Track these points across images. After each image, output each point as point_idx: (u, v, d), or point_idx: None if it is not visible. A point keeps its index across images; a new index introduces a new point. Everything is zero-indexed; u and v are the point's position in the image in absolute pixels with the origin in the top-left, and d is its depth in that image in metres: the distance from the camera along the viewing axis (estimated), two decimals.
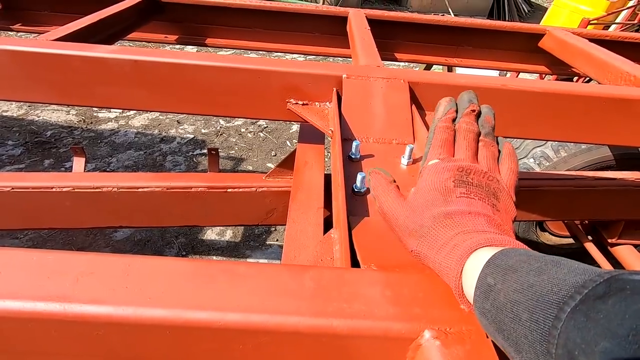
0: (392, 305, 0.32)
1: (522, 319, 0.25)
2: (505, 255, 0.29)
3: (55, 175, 1.01)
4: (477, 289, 0.29)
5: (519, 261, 0.28)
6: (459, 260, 0.31)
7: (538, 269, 0.26)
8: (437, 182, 0.38)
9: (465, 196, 0.37)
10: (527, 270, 0.27)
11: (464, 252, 0.32)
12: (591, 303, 0.22)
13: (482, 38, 1.47)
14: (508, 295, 0.26)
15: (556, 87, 0.83)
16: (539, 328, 0.24)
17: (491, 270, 0.29)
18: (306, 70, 0.81)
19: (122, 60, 0.79)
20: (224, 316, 0.30)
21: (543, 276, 0.25)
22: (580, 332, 0.21)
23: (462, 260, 0.31)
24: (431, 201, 0.36)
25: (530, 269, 0.27)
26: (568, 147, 1.45)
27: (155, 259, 0.34)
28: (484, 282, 0.29)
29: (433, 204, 0.36)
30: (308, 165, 0.91)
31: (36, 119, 2.87)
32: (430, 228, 0.34)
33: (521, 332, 0.25)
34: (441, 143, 0.43)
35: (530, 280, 0.26)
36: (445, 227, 0.34)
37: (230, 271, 0.33)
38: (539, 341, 0.23)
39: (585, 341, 0.21)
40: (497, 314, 0.27)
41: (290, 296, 0.32)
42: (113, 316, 0.30)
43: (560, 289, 0.24)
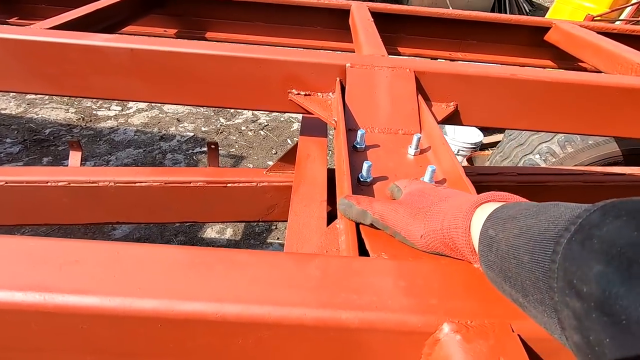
0: (406, 296, 0.29)
1: (524, 262, 0.25)
2: (505, 207, 0.30)
3: (51, 170, 0.99)
4: (480, 244, 0.30)
5: (519, 210, 0.29)
6: (466, 217, 0.32)
7: (536, 212, 0.27)
8: (420, 185, 0.42)
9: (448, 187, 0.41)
10: (525, 215, 0.27)
11: (469, 208, 0.33)
12: (586, 232, 0.22)
13: (487, 32, 1.45)
14: (509, 242, 0.27)
15: (567, 77, 0.80)
16: (540, 266, 0.24)
17: (492, 223, 0.29)
18: (308, 60, 0.78)
19: (119, 49, 0.77)
20: (222, 308, 0.27)
21: (540, 217, 0.26)
22: (576, 260, 0.21)
23: (468, 216, 0.32)
24: (422, 193, 0.39)
25: (528, 213, 0.27)
26: (575, 142, 1.42)
27: (147, 246, 0.31)
28: (485, 235, 0.29)
29: (424, 194, 0.39)
30: (310, 159, 0.88)
31: (35, 116, 2.84)
32: (430, 207, 0.36)
33: (525, 275, 0.25)
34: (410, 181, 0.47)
35: (528, 223, 0.26)
36: (446, 201, 0.36)
37: (228, 259, 0.31)
38: (542, 279, 0.24)
39: (581, 268, 0.21)
40: (501, 263, 0.27)
41: (295, 286, 0.29)
42: (99, 308, 0.27)
43: (557, 225, 0.24)
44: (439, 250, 0.35)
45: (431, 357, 0.28)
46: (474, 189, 0.44)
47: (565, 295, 0.22)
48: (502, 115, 0.85)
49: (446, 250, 0.34)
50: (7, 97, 3.05)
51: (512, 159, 1.59)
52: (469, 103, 0.82)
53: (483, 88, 0.80)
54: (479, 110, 0.84)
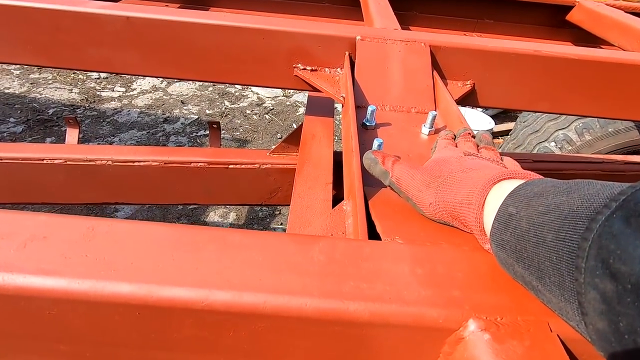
0: (424, 286, 0.25)
1: (547, 241, 0.23)
2: (531, 184, 0.28)
3: (47, 147, 0.95)
4: (495, 221, 0.27)
5: (546, 187, 0.26)
6: (481, 193, 0.30)
7: (567, 189, 0.24)
8: (448, 153, 0.40)
9: (476, 157, 0.37)
10: (554, 193, 0.25)
11: (486, 184, 0.30)
12: (632, 207, 0.20)
13: (505, 11, 1.37)
14: (531, 220, 0.24)
15: (597, 54, 0.74)
16: (565, 245, 0.22)
17: (513, 200, 0.27)
18: (316, 31, 0.73)
19: (114, 17, 0.72)
20: (209, 295, 0.23)
21: (573, 194, 0.23)
22: (616, 238, 0.19)
23: (484, 192, 0.30)
24: (446, 161, 0.37)
25: (557, 190, 0.25)
26: (593, 129, 1.35)
27: (127, 222, 0.27)
28: (504, 212, 0.27)
29: (448, 163, 0.36)
30: (316, 139, 0.83)
31: (38, 96, 2.81)
32: (448, 176, 0.34)
33: (544, 255, 0.23)
34: (444, 145, 0.45)
35: (557, 200, 0.24)
36: (464, 173, 0.33)
37: (220, 239, 0.27)
38: (565, 260, 0.21)
39: (622, 247, 0.19)
40: (517, 242, 0.25)
41: (295, 272, 0.25)
42: (66, 291, 0.23)
43: (593, 202, 0.22)
44: (446, 220, 0.34)
45: (452, 356, 0.24)
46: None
47: (595, 275, 0.20)
48: (522, 96, 0.79)
49: (454, 222, 0.34)
50: (10, 76, 3.02)
51: (525, 147, 1.53)
52: (487, 82, 0.77)
53: (503, 65, 0.74)
54: (497, 90, 0.78)
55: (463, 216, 0.31)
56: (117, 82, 3.08)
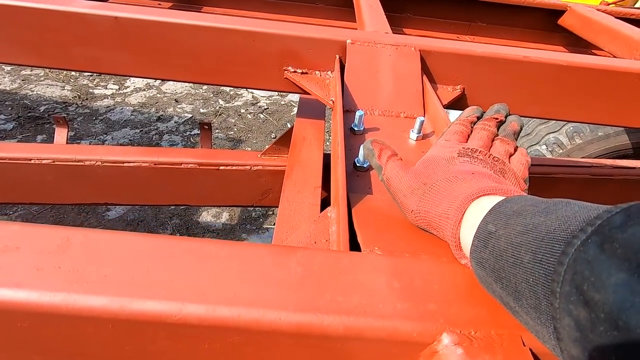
0: (400, 299, 0.25)
1: (524, 262, 0.23)
2: (510, 202, 0.27)
3: (34, 146, 0.94)
4: (475, 238, 0.27)
5: (525, 205, 0.26)
6: (459, 208, 0.30)
7: (545, 209, 0.24)
8: (441, 152, 0.39)
9: (468, 162, 0.37)
10: (532, 212, 0.25)
11: (465, 199, 0.30)
12: (606, 234, 0.19)
13: (497, 14, 1.37)
14: (510, 240, 0.24)
15: (585, 60, 0.75)
16: (542, 267, 0.21)
17: (493, 217, 0.27)
18: (307, 34, 0.73)
19: (102, 17, 0.71)
20: (183, 308, 0.23)
21: (550, 215, 0.23)
22: (591, 265, 0.19)
23: (462, 207, 0.30)
24: (436, 164, 0.37)
25: (536, 210, 0.25)
26: (584, 133, 1.37)
27: (104, 232, 0.27)
28: (484, 230, 0.27)
29: (438, 166, 0.36)
30: (306, 142, 0.83)
31: (30, 93, 2.78)
32: (432, 185, 0.34)
33: (521, 277, 0.23)
34: (453, 132, 0.43)
35: (535, 221, 0.24)
36: (450, 183, 0.33)
37: (197, 251, 0.26)
38: (541, 282, 0.21)
39: (596, 274, 0.18)
40: (495, 261, 0.25)
41: (271, 284, 0.25)
42: (37, 304, 0.23)
43: (569, 225, 0.21)
44: (427, 229, 0.34)
45: None
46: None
47: (569, 302, 0.19)
48: (512, 101, 0.79)
49: (434, 232, 0.34)
50: (1, 72, 2.98)
51: None
52: (477, 86, 0.77)
53: (493, 70, 0.75)
54: (487, 95, 0.78)
55: (441, 229, 0.31)
56: (110, 80, 3.05)
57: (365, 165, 0.50)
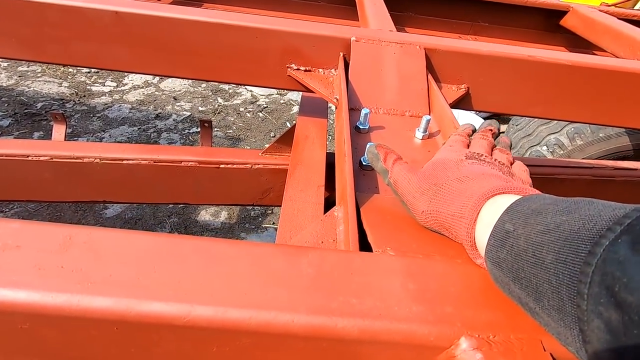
0: (416, 301, 0.24)
1: (546, 262, 0.22)
2: (528, 200, 0.27)
3: (32, 143, 0.93)
4: (491, 237, 0.26)
5: (545, 204, 0.25)
6: (474, 207, 0.29)
7: (566, 208, 0.24)
8: (449, 154, 0.39)
9: (477, 164, 0.36)
10: (554, 211, 0.24)
11: (480, 198, 0.29)
12: (637, 233, 0.19)
13: (500, 14, 1.37)
14: (530, 239, 0.23)
15: (590, 60, 0.74)
16: (567, 269, 0.21)
17: (511, 217, 0.26)
18: (310, 31, 0.72)
19: (102, 12, 0.70)
20: (192, 310, 0.22)
21: (573, 214, 0.23)
22: (622, 265, 0.18)
23: (477, 206, 0.29)
24: (445, 166, 0.36)
25: (557, 209, 0.24)
26: (585, 134, 1.36)
27: (108, 231, 0.26)
28: (501, 229, 0.26)
29: (447, 168, 0.36)
30: (309, 140, 0.82)
31: (27, 89, 2.75)
32: (442, 185, 0.33)
33: (543, 277, 0.22)
34: (454, 141, 0.44)
35: (557, 220, 0.23)
36: (461, 182, 0.32)
37: (205, 250, 0.26)
38: (566, 283, 0.20)
39: (629, 275, 0.18)
40: (514, 261, 0.24)
41: (282, 286, 0.24)
42: (40, 305, 0.22)
43: (595, 224, 0.21)
44: (438, 230, 0.34)
45: None
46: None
47: (599, 303, 0.19)
48: (516, 100, 0.79)
49: (446, 233, 0.33)
50: None
51: (518, 150, 1.54)
52: (482, 86, 0.76)
53: (498, 70, 0.74)
54: (491, 95, 0.78)
55: (454, 229, 0.30)
56: (108, 77, 3.02)
57: None
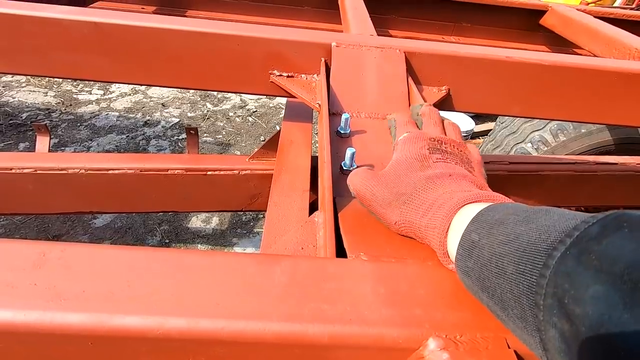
0: (386, 305, 0.25)
1: (507, 272, 0.23)
2: (492, 210, 0.27)
3: (15, 155, 0.92)
4: (459, 247, 0.27)
5: (507, 214, 0.26)
6: (445, 218, 0.30)
7: (526, 218, 0.24)
8: (412, 150, 0.38)
9: (442, 161, 0.36)
10: (514, 222, 0.25)
11: (451, 208, 0.30)
12: (583, 245, 0.19)
13: (481, 15, 1.39)
14: (492, 249, 0.24)
15: (565, 60, 0.76)
16: (525, 280, 0.21)
17: (476, 227, 0.27)
18: (291, 38, 0.72)
19: (81, 23, 0.69)
20: (165, 322, 0.23)
21: (531, 224, 0.23)
22: (570, 277, 0.19)
23: (448, 217, 0.30)
24: (408, 169, 0.36)
25: (517, 219, 0.25)
26: (567, 131, 1.39)
27: (83, 246, 0.26)
28: (467, 238, 0.27)
29: (411, 170, 0.35)
30: (294, 145, 0.83)
31: (11, 100, 2.71)
32: (411, 194, 0.33)
33: (506, 287, 0.23)
34: (406, 122, 0.45)
35: (516, 230, 0.24)
36: (428, 190, 0.32)
37: (175, 261, 0.26)
38: (526, 294, 0.21)
39: (575, 286, 0.18)
40: (480, 271, 0.25)
41: (255, 294, 0.25)
42: (11, 323, 0.22)
43: (549, 235, 0.21)
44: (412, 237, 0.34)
45: None
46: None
47: (552, 314, 0.19)
48: (496, 100, 0.80)
49: (418, 240, 0.33)
50: None
51: (503, 147, 1.57)
52: (462, 87, 0.78)
53: (477, 71, 0.76)
54: (472, 95, 0.79)
55: (427, 239, 0.31)
56: (94, 85, 3.00)
57: (352, 168, 0.50)
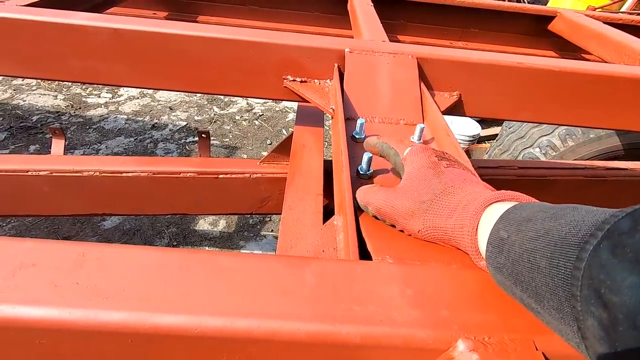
0: (414, 306, 0.26)
1: (541, 267, 0.24)
2: (519, 208, 0.29)
3: (31, 158, 0.94)
4: (489, 244, 0.28)
5: (534, 211, 0.27)
6: (474, 215, 0.31)
7: (554, 214, 0.25)
8: (422, 160, 0.39)
9: (451, 167, 0.38)
10: (542, 218, 0.26)
11: (479, 206, 0.31)
12: (616, 238, 0.21)
13: (489, 20, 1.40)
14: (524, 245, 0.25)
15: (576, 66, 0.76)
16: (560, 273, 0.22)
17: (504, 224, 0.28)
18: (305, 44, 0.73)
19: (101, 29, 0.71)
20: (202, 321, 0.23)
21: (560, 220, 0.24)
22: (605, 269, 0.20)
23: (477, 215, 0.31)
24: (424, 177, 0.37)
25: (545, 216, 0.26)
26: (576, 136, 1.39)
27: (119, 247, 0.27)
28: (496, 236, 0.28)
29: (427, 179, 0.36)
30: (306, 149, 0.84)
31: (22, 103, 2.75)
32: (432, 200, 0.34)
33: (541, 281, 0.24)
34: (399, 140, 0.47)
35: (546, 226, 0.25)
36: (448, 194, 0.34)
37: (210, 263, 0.27)
38: (561, 286, 0.22)
39: (611, 277, 0.20)
40: (513, 266, 0.26)
41: (287, 295, 0.25)
42: (57, 321, 0.23)
43: (580, 229, 0.23)
44: (438, 242, 0.35)
45: None
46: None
47: (590, 304, 0.21)
48: (506, 106, 0.81)
49: (445, 244, 0.34)
50: None
51: (511, 152, 1.57)
52: (473, 92, 0.78)
53: (488, 77, 0.76)
54: (483, 100, 0.80)
55: (456, 240, 0.32)
56: (103, 88, 3.03)
57: (369, 173, 0.51)
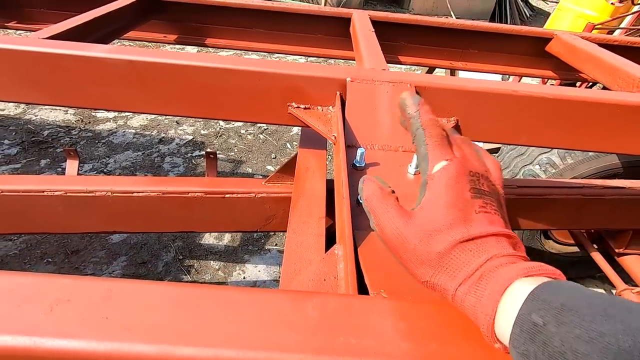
0: (405, 340, 0.28)
1: None
2: (551, 289, 0.26)
3: (47, 179, 0.98)
4: (516, 327, 0.25)
5: (572, 298, 0.24)
6: (493, 297, 0.27)
7: (604, 313, 0.23)
8: (453, 194, 0.32)
9: (484, 212, 0.31)
10: (590, 315, 0.23)
11: (499, 286, 0.27)
12: None
13: (488, 41, 1.44)
14: (568, 343, 0.23)
15: (568, 93, 0.80)
16: None
17: (537, 307, 0.25)
18: (308, 73, 0.78)
19: (117, 61, 0.76)
20: (218, 353, 0.27)
21: (616, 325, 0.22)
22: None
23: (496, 296, 0.27)
24: (449, 220, 0.30)
25: (594, 312, 0.23)
26: (575, 154, 1.42)
27: (140, 283, 0.31)
28: (526, 319, 0.25)
29: (451, 224, 0.30)
30: (309, 171, 0.87)
31: (33, 118, 2.83)
32: (448, 255, 0.29)
33: None
34: (440, 140, 0.35)
35: (599, 328, 0.22)
36: (468, 253, 0.29)
37: (221, 298, 0.30)
38: None
39: None
40: None
41: (292, 328, 0.28)
42: (90, 352, 0.26)
43: None
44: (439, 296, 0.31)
45: None
46: None
47: None
48: (503, 131, 0.84)
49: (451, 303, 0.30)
50: None
51: (511, 169, 1.59)
52: (470, 118, 0.82)
53: (484, 104, 0.80)
54: (479, 126, 0.83)
55: (467, 311, 0.28)
56: None
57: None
